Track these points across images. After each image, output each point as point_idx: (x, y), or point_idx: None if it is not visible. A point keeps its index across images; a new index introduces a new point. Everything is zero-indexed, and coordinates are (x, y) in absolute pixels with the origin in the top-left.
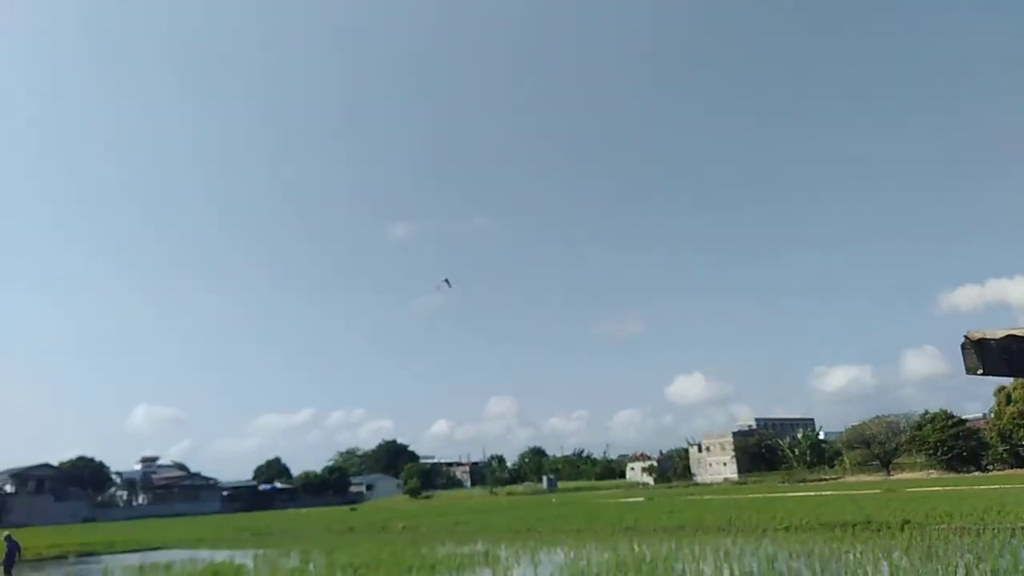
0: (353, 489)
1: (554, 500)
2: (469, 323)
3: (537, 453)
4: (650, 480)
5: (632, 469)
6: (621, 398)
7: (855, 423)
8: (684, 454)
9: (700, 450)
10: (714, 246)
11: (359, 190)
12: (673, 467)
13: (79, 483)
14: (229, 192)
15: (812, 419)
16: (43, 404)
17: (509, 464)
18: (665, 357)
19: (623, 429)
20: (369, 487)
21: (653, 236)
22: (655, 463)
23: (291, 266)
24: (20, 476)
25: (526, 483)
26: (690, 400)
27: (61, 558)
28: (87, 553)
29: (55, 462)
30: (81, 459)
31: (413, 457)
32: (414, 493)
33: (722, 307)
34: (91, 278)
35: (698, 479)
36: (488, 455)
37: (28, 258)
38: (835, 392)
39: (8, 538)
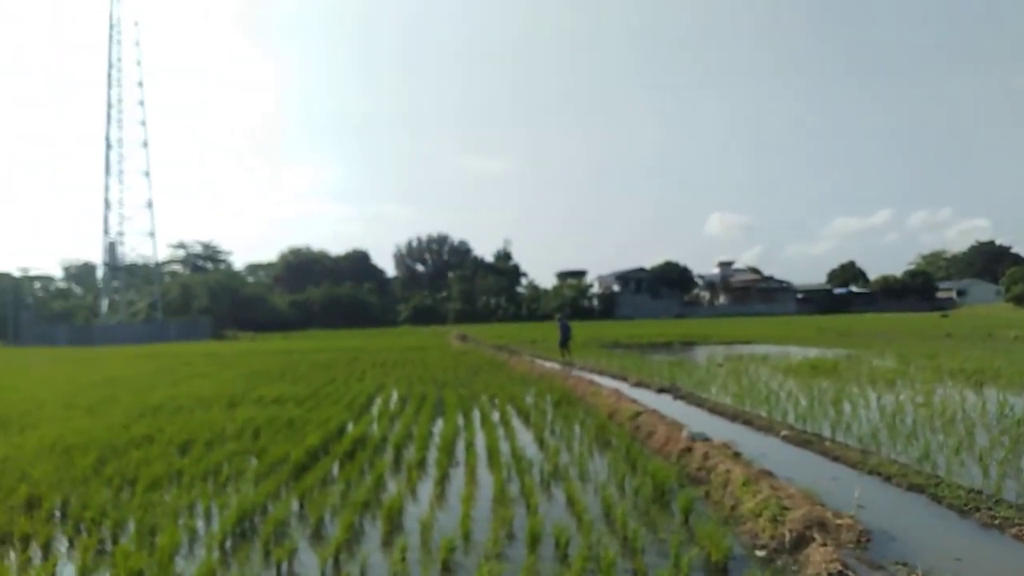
0: (940, 295)
1: None
2: None
3: None
4: None
5: None
6: None
7: None
8: None
9: None
10: None
11: None
12: None
13: (668, 284)
14: None
15: None
16: (636, 215)
17: None
18: None
19: None
20: (960, 293)
21: None
22: None
23: (862, 51)
24: (623, 278)
25: None
26: None
27: (667, 344)
28: (686, 342)
29: (648, 266)
30: (668, 263)
31: (1017, 260)
32: (1020, 301)
33: None
34: (662, 97)
35: None
36: None
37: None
38: None
39: (561, 319)
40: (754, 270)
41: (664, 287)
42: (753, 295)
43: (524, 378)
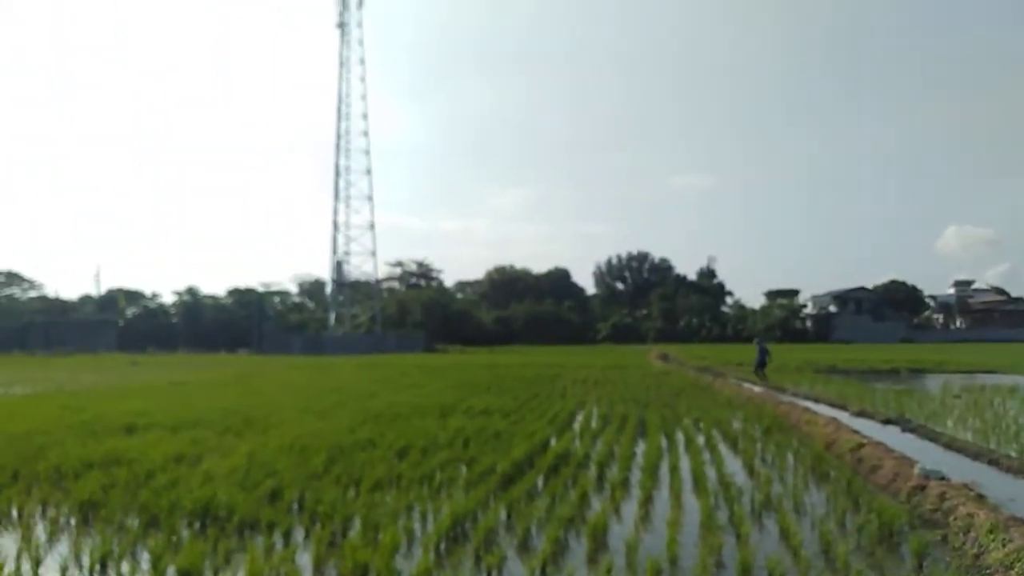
0: None
1: None
2: None
3: None
4: None
5: None
6: None
7: None
8: None
9: None
10: None
11: None
12: None
13: (893, 305)
14: None
15: None
16: (857, 230)
17: None
18: None
19: None
20: None
21: None
22: None
23: None
24: (841, 298)
25: None
26: None
27: (893, 372)
28: (915, 369)
29: (870, 285)
30: (894, 282)
31: None
32: None
33: None
34: (885, 99)
35: None
36: None
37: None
38: None
39: (759, 342)
40: (999, 290)
41: (888, 309)
42: (997, 319)
43: (730, 402)
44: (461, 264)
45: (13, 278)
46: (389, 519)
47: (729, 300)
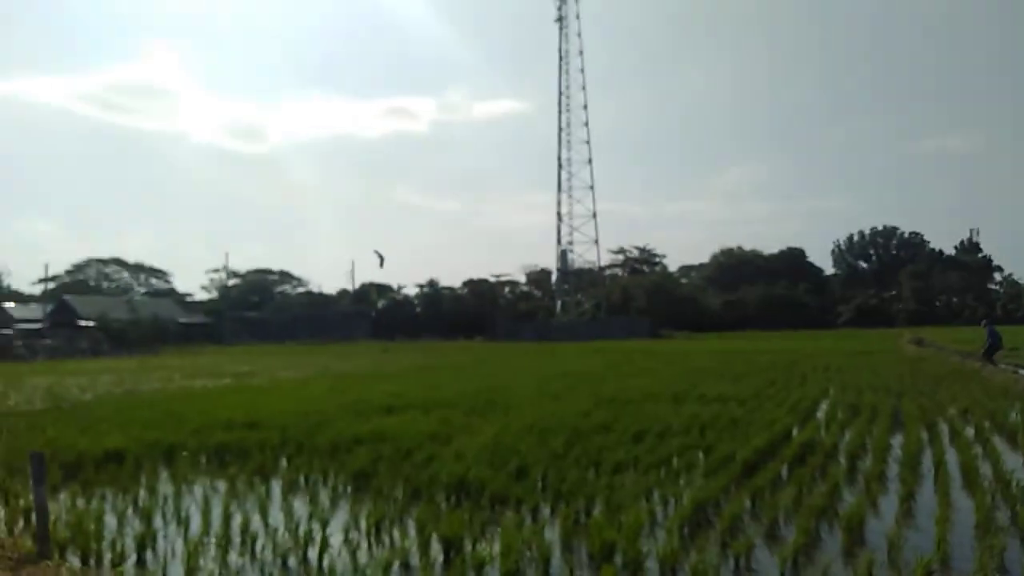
0: None
1: None
2: None
3: None
4: None
5: None
6: None
7: None
8: None
9: None
10: None
11: None
12: None
13: None
14: None
15: None
16: None
17: None
18: None
19: None
20: None
21: None
22: None
23: None
24: None
25: None
26: None
27: None
28: None
29: None
30: None
31: None
32: None
33: None
34: None
35: None
36: None
37: None
38: None
39: (988, 325)
40: None
41: None
42: None
43: (1005, 391)
44: (684, 248)
45: (285, 276)
46: (630, 501)
47: (997, 276)
